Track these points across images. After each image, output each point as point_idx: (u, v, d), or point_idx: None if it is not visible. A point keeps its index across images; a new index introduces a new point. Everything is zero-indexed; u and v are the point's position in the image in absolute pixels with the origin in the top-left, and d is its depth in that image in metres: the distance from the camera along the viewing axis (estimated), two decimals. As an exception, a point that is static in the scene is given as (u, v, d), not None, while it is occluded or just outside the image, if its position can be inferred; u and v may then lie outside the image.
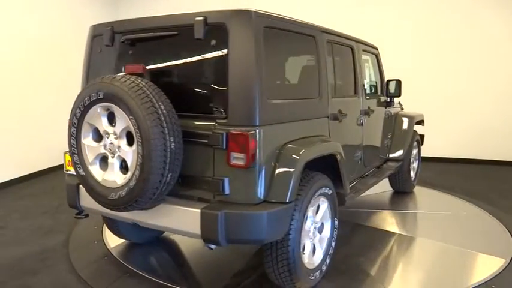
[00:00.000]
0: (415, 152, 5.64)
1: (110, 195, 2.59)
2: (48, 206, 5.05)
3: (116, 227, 3.66)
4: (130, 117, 2.43)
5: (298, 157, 2.68)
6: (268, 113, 2.59)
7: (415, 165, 5.71)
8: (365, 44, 4.26)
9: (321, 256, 3.16)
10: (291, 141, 2.78)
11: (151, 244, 3.89)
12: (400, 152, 5.07)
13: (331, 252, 3.26)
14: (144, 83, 2.49)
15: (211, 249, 2.65)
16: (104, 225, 4.01)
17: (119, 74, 2.56)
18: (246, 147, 2.45)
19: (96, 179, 2.68)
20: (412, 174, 5.62)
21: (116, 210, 2.66)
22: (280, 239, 2.72)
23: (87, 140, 2.70)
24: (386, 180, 5.31)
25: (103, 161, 2.69)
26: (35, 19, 6.46)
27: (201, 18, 2.56)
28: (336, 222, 3.30)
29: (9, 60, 5.96)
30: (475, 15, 7.40)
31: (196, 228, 2.53)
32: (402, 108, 5.80)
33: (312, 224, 3.06)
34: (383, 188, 5.52)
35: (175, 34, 2.73)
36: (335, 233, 3.29)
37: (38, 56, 6.48)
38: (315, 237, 3.12)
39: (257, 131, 2.50)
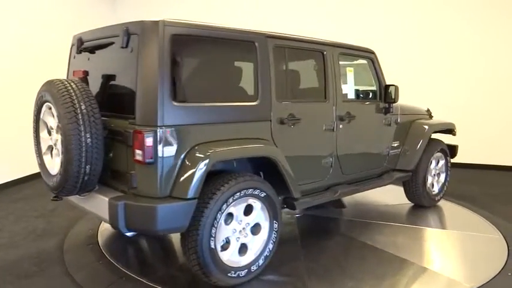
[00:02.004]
0: (440, 163, 5.21)
1: (50, 180, 3.06)
2: (42, 209, 5.02)
3: None
4: (57, 115, 2.86)
5: (203, 157, 2.82)
6: (174, 114, 2.79)
7: (441, 178, 5.26)
8: (350, 49, 4.14)
9: (253, 257, 3.23)
10: (207, 142, 2.94)
11: (147, 247, 3.99)
12: (408, 163, 4.76)
13: (267, 254, 3.29)
14: (73, 86, 2.88)
15: (129, 236, 2.94)
16: (99, 228, 4.24)
17: (58, 78, 3.00)
18: (143, 145, 2.70)
19: (46, 166, 3.17)
20: (436, 187, 5.20)
21: (56, 194, 3.11)
22: (190, 233, 2.90)
23: (43, 134, 3.20)
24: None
25: (51, 152, 3.17)
26: (32, 23, 6.44)
27: (124, 28, 2.87)
28: (276, 225, 3.33)
29: (6, 63, 5.93)
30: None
31: (107, 215, 2.85)
32: (431, 116, 5.42)
33: (239, 224, 3.16)
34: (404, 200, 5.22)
35: (111, 43, 3.09)
36: (274, 235, 3.32)
37: (35, 59, 6.37)
38: (246, 237, 3.21)
39: (157, 130, 2.72)
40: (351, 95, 4.16)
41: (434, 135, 5.23)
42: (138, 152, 2.74)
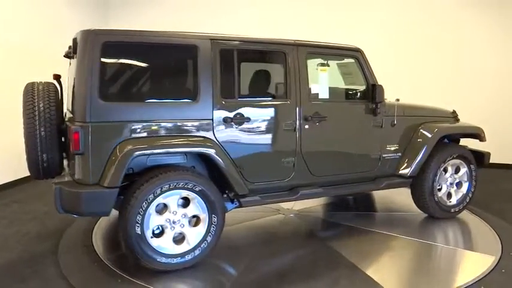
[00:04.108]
0: (461, 171, 4.70)
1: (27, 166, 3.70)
2: (36, 212, 4.95)
3: None
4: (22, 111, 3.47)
5: (125, 152, 3.13)
6: (102, 112, 3.16)
7: (462, 188, 4.71)
8: (325, 48, 4.04)
9: (189, 246, 3.44)
10: (136, 138, 3.24)
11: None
12: (407, 168, 4.41)
13: (205, 246, 3.45)
14: (39, 88, 3.46)
15: (74, 216, 3.42)
16: (94, 230, 4.29)
17: (32, 81, 3.60)
18: (72, 138, 3.13)
19: None
20: (453, 198, 4.69)
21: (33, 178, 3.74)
22: (120, 218, 3.25)
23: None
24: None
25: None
26: (23, 24, 6.35)
27: (74, 37, 3.35)
28: (215, 219, 3.48)
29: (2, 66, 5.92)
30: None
31: (56, 197, 3.36)
32: (457, 119, 4.91)
33: (174, 214, 3.40)
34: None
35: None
36: (213, 229, 3.47)
37: (27, 61, 6.26)
38: (182, 227, 3.43)
39: (84, 125, 3.12)
40: (324, 95, 4.03)
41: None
42: (71, 143, 3.19)
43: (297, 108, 3.84)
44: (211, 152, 3.43)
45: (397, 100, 4.87)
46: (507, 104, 7.25)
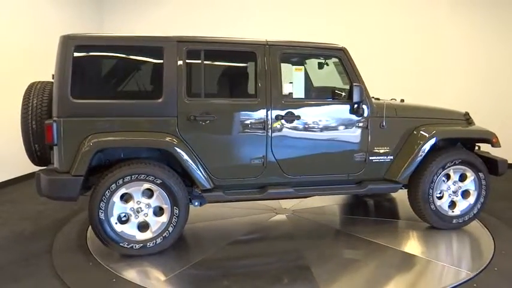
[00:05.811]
0: (468, 179, 4.29)
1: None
2: (30, 212, 4.94)
3: None
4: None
5: (90, 144, 3.48)
6: (72, 109, 3.53)
7: (470, 198, 4.31)
8: (302, 47, 3.99)
9: (151, 235, 3.70)
10: (102, 132, 3.56)
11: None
12: (396, 172, 4.16)
13: (166, 235, 3.68)
14: (37, 86, 3.96)
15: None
16: (88, 229, 4.24)
17: (34, 81, 4.13)
18: (46, 130, 3.56)
19: None
20: (458, 208, 4.32)
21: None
22: (89, 203, 3.62)
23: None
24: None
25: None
26: (36, 28, 6.56)
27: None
28: (177, 211, 3.68)
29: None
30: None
31: (40, 184, 3.83)
32: (469, 122, 4.51)
33: (137, 204, 3.67)
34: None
35: None
36: (174, 219, 3.68)
37: (35, 62, 6.36)
38: (146, 216, 3.70)
39: (56, 119, 3.52)
40: (299, 95, 3.98)
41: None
42: (45, 136, 3.62)
43: (267, 108, 3.87)
44: (170, 147, 3.63)
45: (402, 101, 4.64)
46: (504, 103, 7.27)
